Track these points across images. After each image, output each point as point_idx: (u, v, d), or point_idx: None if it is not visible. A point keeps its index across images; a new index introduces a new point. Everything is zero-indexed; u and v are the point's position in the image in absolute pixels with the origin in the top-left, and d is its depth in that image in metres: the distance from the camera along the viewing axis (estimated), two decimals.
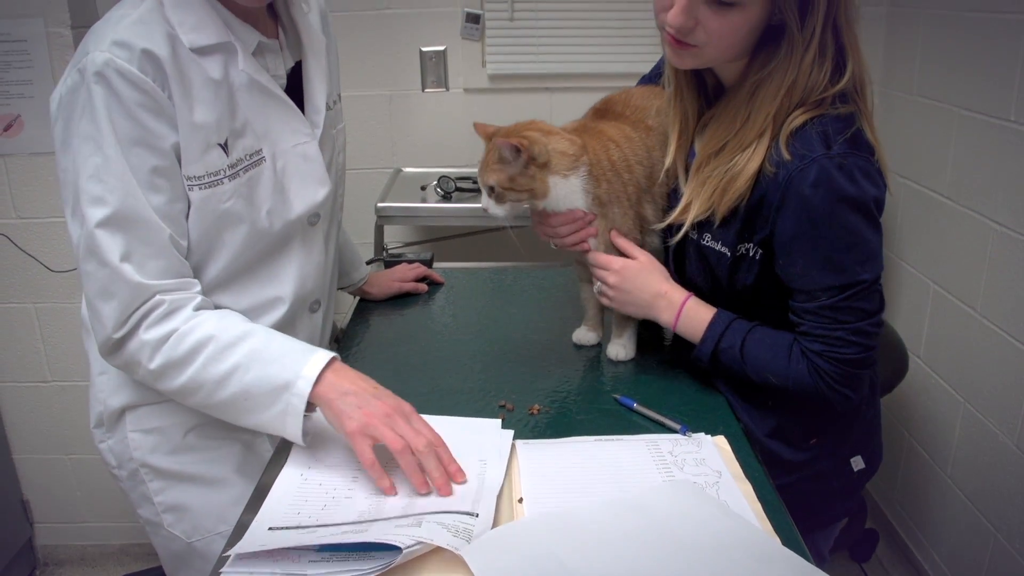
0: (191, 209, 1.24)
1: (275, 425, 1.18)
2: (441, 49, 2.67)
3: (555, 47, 2.66)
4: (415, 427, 1.12)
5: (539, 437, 1.23)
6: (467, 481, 1.10)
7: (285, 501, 1.08)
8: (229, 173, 1.25)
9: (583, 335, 1.55)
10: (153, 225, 1.18)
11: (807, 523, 1.14)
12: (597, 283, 1.40)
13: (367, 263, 1.86)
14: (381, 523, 1.00)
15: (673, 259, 1.41)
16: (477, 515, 1.01)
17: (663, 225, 1.38)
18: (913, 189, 2.44)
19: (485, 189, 1.36)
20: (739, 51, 1.22)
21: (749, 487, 1.10)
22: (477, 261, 2.11)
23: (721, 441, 1.21)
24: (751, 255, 1.27)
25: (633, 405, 1.30)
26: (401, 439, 1.09)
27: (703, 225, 1.30)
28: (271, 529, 1.01)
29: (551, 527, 0.99)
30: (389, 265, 1.93)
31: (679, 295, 1.34)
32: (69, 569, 2.84)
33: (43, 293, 2.51)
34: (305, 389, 1.15)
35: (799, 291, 1.23)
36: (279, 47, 1.33)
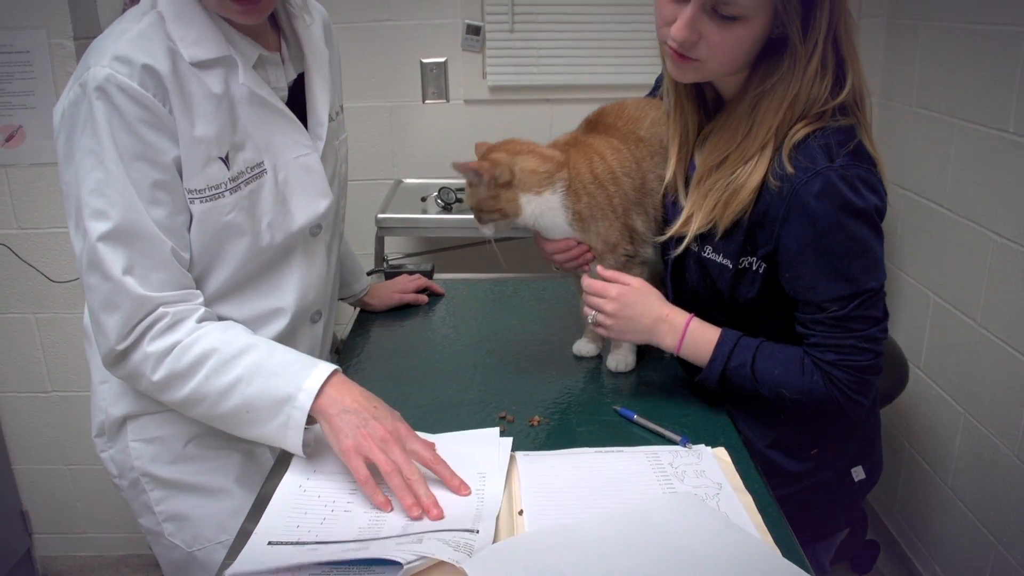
0: (193, 222, 1.24)
1: (276, 437, 1.18)
2: (442, 61, 2.68)
3: (555, 59, 2.67)
4: (411, 449, 1.13)
5: (539, 449, 1.23)
6: (471, 493, 1.10)
7: (284, 513, 1.08)
8: (230, 186, 1.26)
9: (583, 346, 1.55)
10: (155, 238, 1.18)
11: (808, 534, 1.14)
12: (592, 313, 1.37)
13: (368, 274, 1.86)
14: (382, 541, 1.00)
15: (672, 271, 1.41)
16: (478, 532, 1.01)
17: (664, 238, 1.38)
18: (913, 200, 2.45)
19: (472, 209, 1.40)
20: (741, 64, 1.23)
21: (749, 499, 1.10)
22: (477, 272, 2.11)
23: (721, 452, 1.21)
24: (754, 269, 1.27)
25: (633, 417, 1.30)
26: (393, 463, 1.10)
27: (704, 237, 1.30)
28: (271, 543, 1.01)
29: (553, 540, 0.99)
30: (390, 276, 1.93)
31: (681, 318, 1.32)
32: None
33: (44, 303, 2.52)
34: (306, 402, 1.15)
35: (807, 303, 1.23)
36: (280, 60, 1.34)
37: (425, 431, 1.24)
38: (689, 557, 0.96)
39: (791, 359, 1.26)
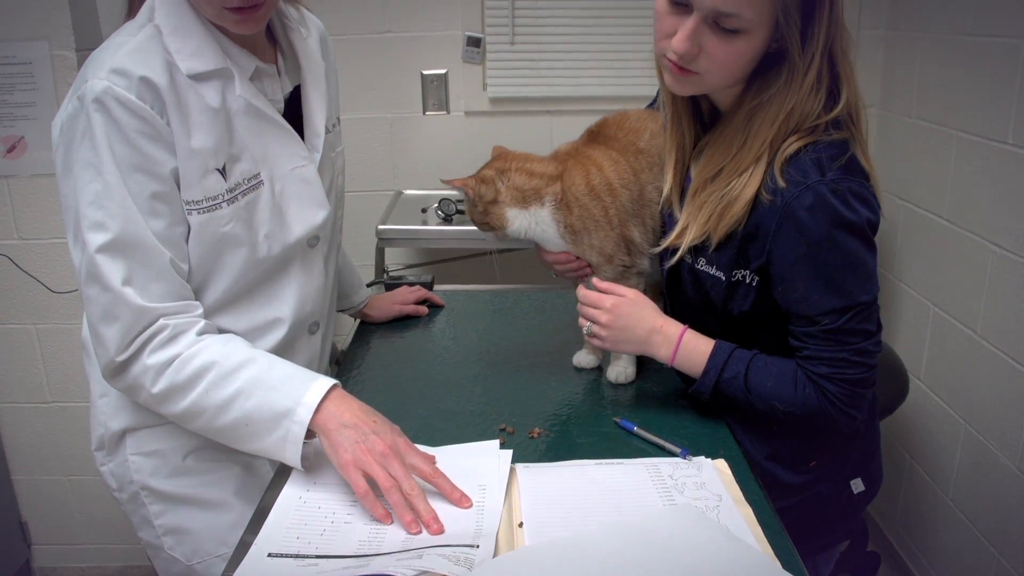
0: (190, 233, 1.25)
1: (275, 451, 1.18)
2: (442, 72, 2.69)
3: (556, 70, 2.68)
4: (410, 463, 1.13)
5: (539, 460, 1.23)
6: (472, 505, 1.10)
7: (284, 524, 1.08)
8: (227, 197, 1.26)
9: (583, 358, 1.55)
10: (154, 249, 1.19)
11: (808, 546, 1.14)
12: (587, 324, 1.38)
13: (368, 285, 1.87)
14: (382, 557, 1.00)
15: (667, 282, 1.42)
16: (478, 547, 1.01)
17: (659, 250, 1.38)
18: (913, 212, 2.45)
19: None
20: (739, 77, 1.23)
21: (750, 511, 1.10)
22: (478, 284, 2.12)
23: (721, 464, 1.21)
24: (748, 281, 1.27)
25: (633, 428, 1.30)
26: (392, 479, 1.10)
27: (698, 249, 1.31)
28: (270, 555, 1.01)
29: (553, 554, 0.99)
30: (390, 288, 1.93)
31: (675, 329, 1.32)
32: None
33: (44, 314, 2.52)
34: (305, 417, 1.15)
35: (799, 316, 1.23)
36: (277, 72, 1.34)
37: (425, 443, 1.24)
38: (689, 570, 0.96)
39: (784, 372, 1.26)
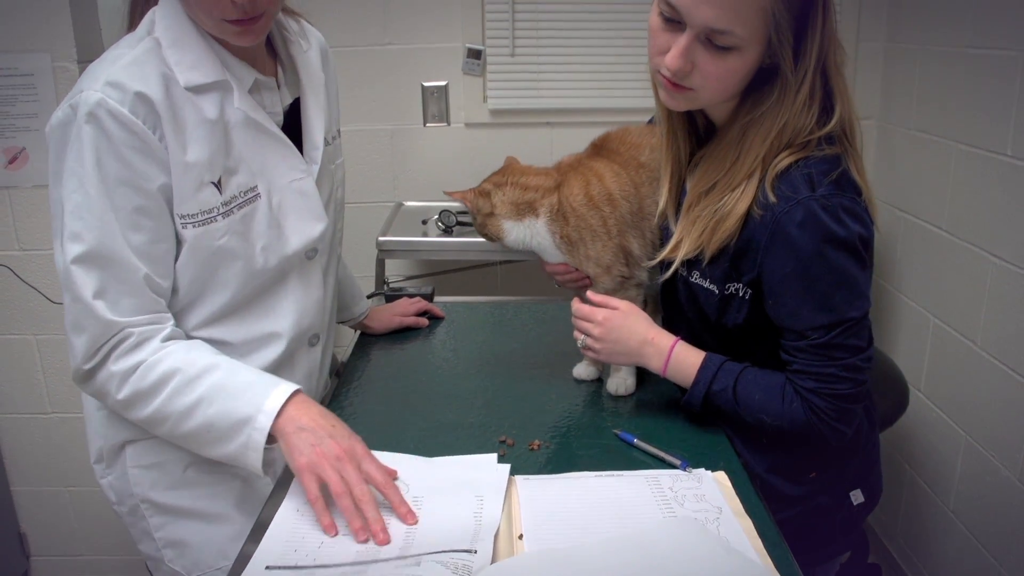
0: (185, 247, 1.25)
1: (237, 457, 1.19)
2: (443, 84, 2.70)
3: (556, 82, 2.69)
4: (365, 470, 1.13)
5: (539, 472, 1.23)
6: (418, 522, 1.09)
7: (283, 538, 1.08)
8: (223, 210, 1.26)
9: (583, 370, 1.55)
10: (129, 264, 1.19)
11: (808, 558, 1.14)
12: (581, 337, 1.39)
13: (368, 297, 1.87)
14: (380, 564, 1.00)
15: (663, 295, 1.42)
16: (476, 552, 1.01)
17: (653, 263, 1.39)
18: (912, 223, 2.45)
19: None
20: (733, 93, 1.24)
21: (750, 523, 1.10)
22: (478, 295, 2.12)
23: (721, 477, 1.21)
24: (740, 295, 1.28)
25: (633, 440, 1.30)
26: (343, 484, 1.10)
27: (692, 263, 1.31)
28: (268, 568, 1.01)
29: (552, 564, 0.99)
30: (390, 299, 1.93)
31: (666, 340, 1.33)
32: None
33: (44, 325, 2.52)
34: (266, 424, 1.16)
35: (789, 330, 1.24)
36: (276, 84, 1.35)
37: (425, 454, 1.24)
38: None
39: (772, 385, 1.27)
